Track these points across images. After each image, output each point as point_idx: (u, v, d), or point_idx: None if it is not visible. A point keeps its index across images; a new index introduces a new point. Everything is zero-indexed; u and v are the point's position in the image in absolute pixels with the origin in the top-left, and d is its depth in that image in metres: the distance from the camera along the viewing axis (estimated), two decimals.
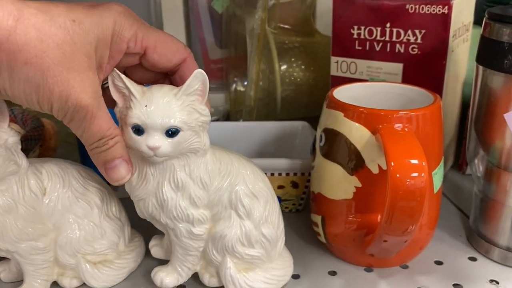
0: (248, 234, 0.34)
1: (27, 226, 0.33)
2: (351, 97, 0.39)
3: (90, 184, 0.36)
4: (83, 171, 0.37)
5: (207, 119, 0.32)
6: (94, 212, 0.36)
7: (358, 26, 0.48)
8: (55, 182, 0.35)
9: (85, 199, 0.36)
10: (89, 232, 0.36)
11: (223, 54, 0.72)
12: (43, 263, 0.35)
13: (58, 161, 0.37)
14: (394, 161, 0.30)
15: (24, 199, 0.33)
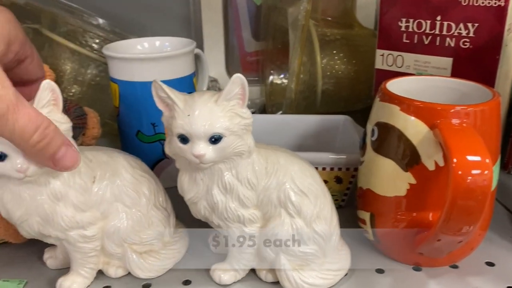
0: (300, 232, 0.34)
1: (76, 214, 0.33)
2: (402, 90, 0.37)
3: (139, 173, 0.36)
4: (132, 160, 0.37)
5: (249, 121, 0.32)
6: (142, 201, 0.36)
7: (407, 19, 0.47)
8: (105, 170, 0.35)
9: (133, 188, 0.35)
10: (137, 222, 0.36)
11: (260, 47, 0.71)
12: (91, 252, 0.35)
13: (107, 149, 0.37)
14: (457, 157, 0.29)
15: (74, 186, 0.33)
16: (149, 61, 0.45)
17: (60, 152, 0.29)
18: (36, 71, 0.33)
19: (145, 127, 0.48)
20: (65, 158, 0.30)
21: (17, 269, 0.38)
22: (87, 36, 0.55)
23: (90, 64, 0.57)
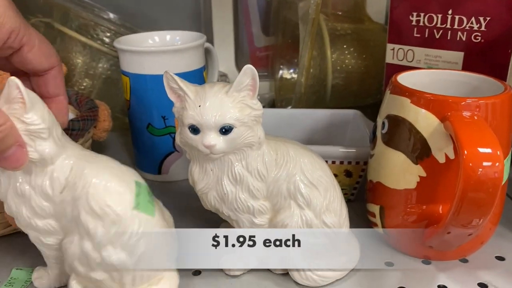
0: (309, 223, 0.34)
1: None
2: (413, 83, 0.37)
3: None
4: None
5: (259, 112, 0.32)
6: None
7: (418, 13, 0.46)
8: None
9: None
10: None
11: (269, 42, 0.71)
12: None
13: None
14: (467, 150, 0.29)
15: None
16: (160, 54, 0.45)
17: (9, 151, 0.28)
18: (39, 61, 0.32)
19: (155, 120, 0.48)
20: (12, 159, 0.29)
21: (30, 258, 0.38)
22: (99, 29, 0.56)
23: (101, 58, 0.57)
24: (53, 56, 0.33)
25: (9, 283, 0.36)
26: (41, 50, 0.32)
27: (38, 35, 0.32)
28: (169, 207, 0.46)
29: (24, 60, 0.32)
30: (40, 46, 0.32)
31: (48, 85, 0.34)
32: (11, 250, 0.40)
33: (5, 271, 0.37)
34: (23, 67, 0.33)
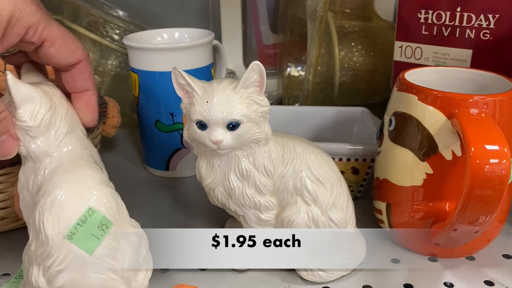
0: (316, 220, 0.34)
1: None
2: (420, 81, 0.37)
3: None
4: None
5: (266, 109, 0.33)
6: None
7: (426, 10, 0.46)
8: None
9: None
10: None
11: (277, 39, 0.71)
12: None
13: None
14: (474, 146, 0.29)
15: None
16: (168, 51, 0.46)
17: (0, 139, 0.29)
18: (63, 55, 0.32)
19: (163, 117, 0.49)
20: (0, 147, 0.30)
21: None
22: (108, 27, 0.56)
23: (110, 55, 0.58)
24: (78, 51, 0.33)
25: (19, 276, 0.36)
26: (64, 45, 0.32)
27: (61, 30, 0.32)
28: (176, 203, 0.47)
29: (47, 55, 0.32)
30: (63, 41, 0.32)
31: (75, 79, 0.34)
32: (21, 243, 0.40)
33: (15, 264, 0.38)
34: (48, 62, 0.33)
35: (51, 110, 0.30)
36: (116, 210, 0.29)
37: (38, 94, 0.30)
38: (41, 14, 0.30)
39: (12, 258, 0.39)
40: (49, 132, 0.30)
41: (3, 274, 0.37)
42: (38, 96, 0.30)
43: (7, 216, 0.41)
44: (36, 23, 0.30)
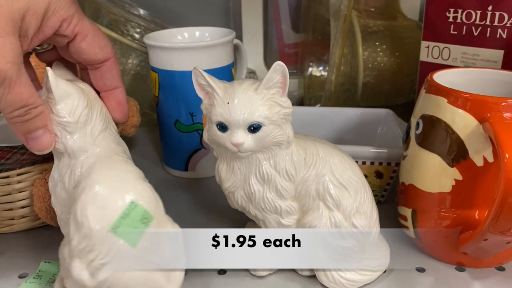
0: (338, 225, 0.33)
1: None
2: (449, 83, 0.36)
3: None
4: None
5: (289, 111, 0.32)
6: None
7: (455, 9, 0.45)
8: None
9: None
10: None
11: (299, 39, 0.70)
12: None
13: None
14: (509, 153, 0.28)
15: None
16: (188, 50, 0.45)
17: (35, 133, 0.30)
18: (94, 51, 0.33)
19: (183, 117, 0.48)
20: (37, 141, 0.30)
21: (57, 251, 0.39)
22: (129, 25, 0.56)
23: (131, 53, 0.57)
24: (108, 47, 0.34)
25: (37, 276, 0.36)
26: (95, 41, 0.33)
27: (92, 25, 0.32)
28: (195, 204, 0.46)
29: (78, 50, 0.32)
30: (94, 36, 0.33)
31: (105, 77, 0.34)
32: (40, 243, 0.40)
33: (34, 264, 0.38)
34: (79, 57, 0.33)
35: (88, 107, 0.31)
36: (155, 204, 0.29)
37: (76, 91, 0.31)
38: (75, 8, 0.31)
39: (30, 257, 0.39)
40: (86, 128, 0.31)
41: (21, 273, 0.37)
42: (76, 93, 0.31)
43: (26, 215, 0.41)
44: (70, 16, 0.31)
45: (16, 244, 0.40)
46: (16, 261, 0.38)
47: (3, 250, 0.39)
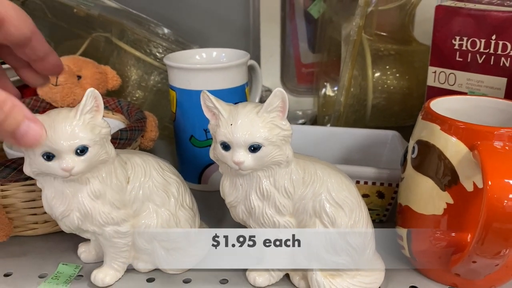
0: (333, 242, 0.34)
1: (112, 211, 0.36)
2: (449, 109, 0.38)
3: (168, 175, 0.39)
4: (162, 163, 0.39)
5: (288, 133, 0.34)
6: (171, 201, 0.38)
7: (461, 37, 0.46)
8: (138, 172, 0.37)
9: (163, 189, 0.38)
10: (165, 220, 0.38)
11: (315, 59, 0.72)
12: (123, 247, 0.38)
13: (141, 153, 0.39)
14: (492, 180, 0.29)
15: (111, 186, 0.35)
16: (204, 71, 0.48)
17: (21, 128, 0.28)
18: (22, 30, 0.31)
19: (197, 133, 0.51)
20: (28, 136, 0.29)
21: (75, 254, 0.42)
22: (152, 45, 0.60)
23: (153, 71, 0.61)
24: (29, 20, 0.32)
25: (55, 277, 0.39)
26: (18, 19, 0.31)
27: (12, 4, 0.31)
28: (207, 214, 0.49)
29: (7, 33, 0.31)
30: (18, 15, 0.31)
31: (36, 49, 0.34)
32: (59, 246, 0.44)
33: (52, 265, 0.41)
34: (8, 42, 0.32)
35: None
36: None
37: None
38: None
39: (50, 259, 0.42)
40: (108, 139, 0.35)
41: (41, 273, 0.40)
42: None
43: (48, 220, 0.44)
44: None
45: (38, 247, 0.44)
46: (37, 262, 0.42)
47: (26, 251, 0.43)
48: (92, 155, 0.33)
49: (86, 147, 0.32)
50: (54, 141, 0.32)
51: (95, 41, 0.60)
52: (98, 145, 0.33)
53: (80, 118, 0.33)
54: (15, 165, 0.40)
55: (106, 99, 0.55)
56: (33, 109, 0.55)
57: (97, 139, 0.33)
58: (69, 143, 0.32)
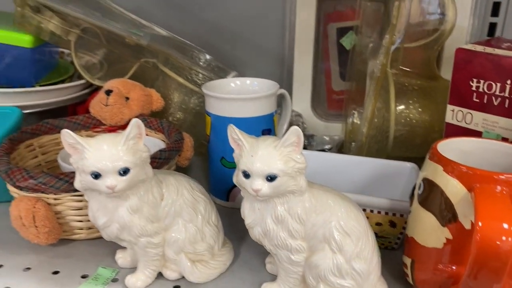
0: (340, 267, 0.38)
1: (147, 224, 0.41)
2: (459, 150, 0.41)
3: (197, 194, 0.44)
4: (193, 183, 0.45)
5: (302, 166, 0.38)
6: (198, 218, 0.43)
7: (478, 80, 0.49)
8: (171, 191, 0.42)
9: (192, 206, 0.43)
10: (192, 235, 0.43)
11: (345, 87, 0.76)
12: (155, 256, 0.43)
13: (175, 173, 0.45)
14: (482, 221, 0.32)
15: (148, 202, 0.41)
16: (236, 101, 0.53)
17: None
18: None
19: (228, 155, 0.56)
20: None
21: (113, 259, 0.47)
22: (193, 73, 0.66)
23: (193, 95, 0.67)
24: None
25: (94, 278, 0.45)
26: None
27: None
28: (232, 230, 0.53)
29: None
30: None
31: None
32: (99, 251, 0.49)
33: (93, 268, 0.47)
34: None
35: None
36: None
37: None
38: None
39: (91, 262, 0.47)
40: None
41: (83, 274, 0.46)
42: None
43: (92, 227, 0.50)
44: None
45: (81, 250, 0.50)
46: (80, 264, 0.47)
47: (71, 253, 0.49)
48: (133, 175, 0.38)
49: (128, 168, 0.38)
50: (102, 163, 0.37)
51: (142, 66, 0.66)
52: (139, 167, 0.39)
53: (125, 143, 0.38)
54: (67, 178, 0.46)
55: (149, 119, 0.61)
56: (85, 125, 0.61)
57: (138, 162, 0.39)
58: (114, 164, 0.37)
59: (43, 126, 0.59)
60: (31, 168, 0.57)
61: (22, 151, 0.56)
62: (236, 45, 0.79)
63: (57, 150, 0.60)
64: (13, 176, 0.46)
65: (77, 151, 0.38)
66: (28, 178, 0.45)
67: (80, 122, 0.61)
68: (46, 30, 0.63)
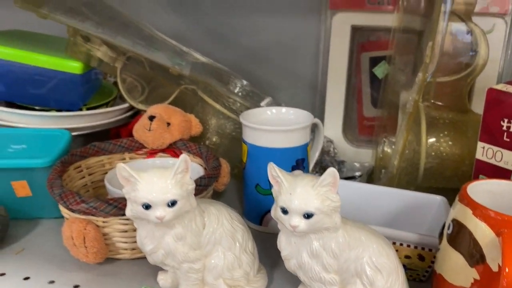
0: None
1: (190, 251, 0.44)
2: (489, 192, 0.42)
3: (236, 224, 0.47)
4: (232, 213, 0.47)
5: (337, 204, 0.40)
6: (236, 246, 0.46)
7: (508, 120, 0.50)
8: (212, 220, 0.45)
9: (231, 235, 0.46)
10: (231, 262, 0.46)
11: (377, 113, 0.78)
12: (195, 281, 0.46)
13: (216, 203, 0.48)
14: (509, 267, 0.34)
15: (191, 231, 0.44)
16: (272, 132, 0.56)
17: None
18: None
19: (262, 182, 0.59)
20: None
21: (155, 279, 0.51)
22: (230, 101, 0.69)
23: (229, 121, 0.70)
24: None
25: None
26: None
27: None
28: (265, 254, 0.56)
29: None
30: None
31: None
32: (142, 271, 0.53)
33: (136, 287, 0.50)
34: None
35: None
36: None
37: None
38: None
39: (134, 280, 0.51)
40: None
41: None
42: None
43: (136, 248, 0.53)
44: None
45: (126, 269, 0.53)
46: (124, 282, 0.51)
47: (116, 272, 0.53)
48: (180, 207, 0.42)
49: (176, 200, 0.41)
50: (152, 195, 0.40)
51: (182, 92, 0.70)
52: (185, 199, 0.42)
53: (174, 177, 0.41)
54: (115, 203, 0.49)
55: (189, 144, 0.65)
56: (129, 148, 0.65)
57: (185, 194, 0.42)
58: (163, 197, 0.41)
59: (91, 149, 0.63)
60: (78, 188, 0.61)
61: (71, 172, 0.60)
62: (270, 71, 0.82)
63: (102, 171, 0.64)
64: (67, 199, 0.50)
65: (129, 182, 0.41)
66: (80, 202, 0.49)
67: (124, 145, 0.65)
68: (95, 57, 0.67)
